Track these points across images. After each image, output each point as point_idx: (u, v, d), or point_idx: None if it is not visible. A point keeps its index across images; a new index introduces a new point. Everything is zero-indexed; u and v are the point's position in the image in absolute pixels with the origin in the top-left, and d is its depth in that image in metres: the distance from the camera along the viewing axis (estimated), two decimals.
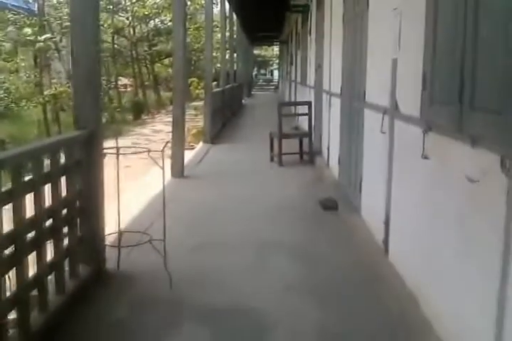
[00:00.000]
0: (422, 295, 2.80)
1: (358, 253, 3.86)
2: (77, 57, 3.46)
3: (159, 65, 29.79)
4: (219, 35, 18.61)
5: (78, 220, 3.38)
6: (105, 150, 3.75)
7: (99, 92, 3.75)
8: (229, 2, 16.56)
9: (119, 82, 26.48)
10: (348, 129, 5.30)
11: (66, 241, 3.22)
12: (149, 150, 3.70)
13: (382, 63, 3.75)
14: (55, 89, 13.83)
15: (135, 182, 7.18)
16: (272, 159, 8.00)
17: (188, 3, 22.00)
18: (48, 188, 2.90)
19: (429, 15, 2.69)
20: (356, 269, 3.56)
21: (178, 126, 6.83)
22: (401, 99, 3.28)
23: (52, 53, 18.65)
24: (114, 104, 19.28)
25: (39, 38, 11.35)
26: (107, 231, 3.70)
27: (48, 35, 11.69)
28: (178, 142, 6.88)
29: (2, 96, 12.91)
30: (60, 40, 17.47)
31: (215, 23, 17.29)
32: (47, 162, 2.96)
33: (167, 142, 3.80)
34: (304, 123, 10.11)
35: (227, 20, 18.05)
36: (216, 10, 17.12)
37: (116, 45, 22.20)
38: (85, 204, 3.45)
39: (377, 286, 3.25)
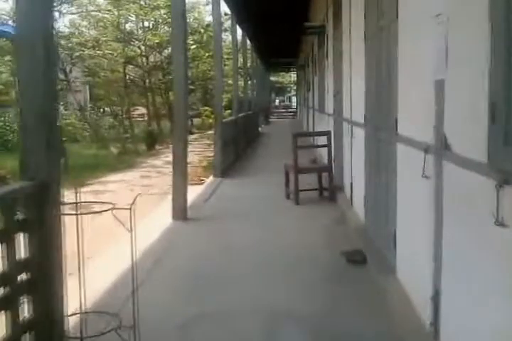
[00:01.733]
0: None
1: (396, 337, 2.93)
2: (23, 88, 2.67)
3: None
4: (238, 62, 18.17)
5: (25, 299, 2.55)
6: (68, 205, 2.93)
7: (57, 132, 2.93)
8: (242, 28, 16.02)
9: (137, 112, 26.12)
10: (375, 166, 4.42)
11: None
12: (113, 207, 2.85)
13: (421, 86, 2.90)
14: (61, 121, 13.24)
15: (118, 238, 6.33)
16: (287, 196, 7.12)
17: (202, 30, 21.61)
18: None
19: (496, 20, 1.84)
20: None
21: (180, 162, 6.02)
22: (453, 133, 2.40)
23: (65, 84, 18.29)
24: (126, 135, 18.68)
25: None
26: (69, 311, 2.85)
27: None
28: (180, 180, 6.06)
29: (2, 129, 12.37)
30: (70, 71, 17.06)
31: (229, 50, 16.77)
32: None
33: (137, 195, 2.93)
34: (323, 154, 9.26)
35: (241, 47, 17.52)
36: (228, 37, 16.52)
37: (130, 75, 21.81)
38: (35, 277, 2.61)
39: None
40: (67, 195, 9.21)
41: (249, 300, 3.59)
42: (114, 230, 3.64)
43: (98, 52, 16.16)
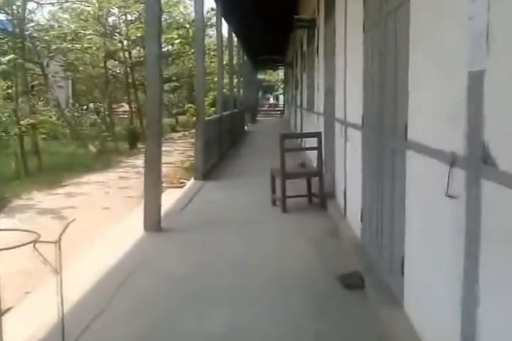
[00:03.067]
0: None
1: None
2: None
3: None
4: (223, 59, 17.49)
5: None
6: None
7: None
8: (228, 23, 15.36)
9: (123, 109, 25.27)
10: (376, 175, 3.80)
11: None
12: (35, 241, 2.18)
13: (445, 80, 2.28)
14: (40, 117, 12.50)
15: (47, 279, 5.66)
16: (273, 202, 6.49)
17: (187, 25, 20.88)
18: None
19: None
20: None
21: (153, 167, 5.36)
22: (498, 143, 1.78)
23: (43, 78, 17.45)
24: (105, 133, 17.91)
25: (1, 59, 10.03)
26: None
27: (12, 56, 10.37)
28: (153, 187, 5.40)
29: None
30: (47, 65, 16.24)
31: (215, 47, 16.12)
32: None
33: (69, 223, 2.27)
34: (312, 157, 8.64)
35: (228, 43, 16.85)
36: (215, 33, 15.82)
37: (111, 70, 21.00)
38: None
39: None
40: (38, 199, 8.39)
41: (225, 335, 2.96)
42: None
43: (76, 45, 15.35)
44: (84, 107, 22.93)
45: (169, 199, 7.45)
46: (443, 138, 2.30)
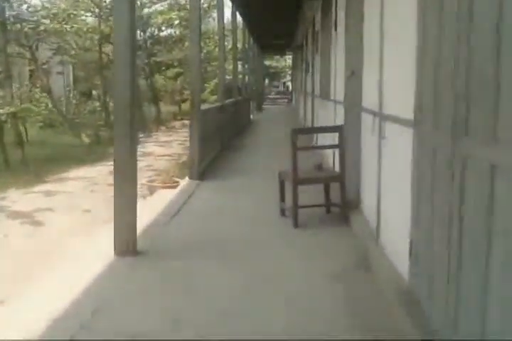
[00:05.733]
0: None
1: None
2: None
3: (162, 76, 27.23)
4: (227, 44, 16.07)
5: None
6: None
7: None
8: (232, 2, 13.92)
9: None
10: (447, 197, 2.44)
11: None
12: None
13: None
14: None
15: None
16: (282, 213, 5.19)
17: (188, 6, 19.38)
18: None
19: None
20: None
21: (124, 173, 4.05)
22: None
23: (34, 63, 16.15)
24: (100, 122, 16.59)
25: None
26: None
27: None
28: (125, 199, 4.09)
29: None
30: (36, 48, 14.90)
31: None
32: None
33: None
34: (327, 156, 7.28)
35: (232, 26, 15.40)
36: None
37: (107, 55, 19.62)
38: None
39: None
40: (13, 198, 6.92)
41: None
42: None
43: (65, 26, 14.00)
44: (85, 94, 21.69)
45: (156, 205, 6.16)
46: None
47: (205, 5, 19.97)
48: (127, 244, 4.14)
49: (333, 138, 5.97)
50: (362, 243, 4.20)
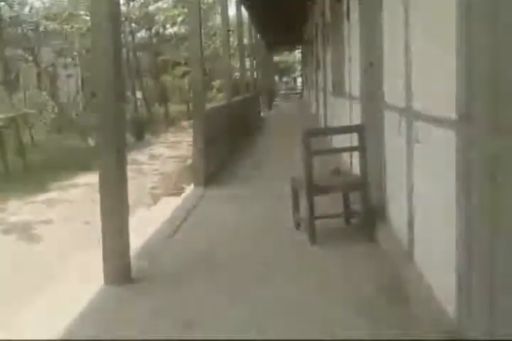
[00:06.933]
0: None
1: None
2: None
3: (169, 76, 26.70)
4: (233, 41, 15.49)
5: None
6: None
7: None
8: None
9: (137, 96, 23.45)
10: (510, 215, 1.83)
11: None
12: None
13: None
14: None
15: None
16: (297, 225, 4.59)
17: None
18: None
19: None
20: None
21: (112, 188, 3.48)
22: None
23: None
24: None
25: None
26: None
27: None
28: (115, 218, 3.53)
29: None
30: (38, 50, 14.42)
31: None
32: None
33: None
34: (344, 160, 6.64)
35: (238, 20, 14.78)
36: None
37: None
38: None
39: None
40: (13, 209, 6.29)
41: None
42: None
43: (65, 26, 13.48)
44: (94, 95, 21.24)
45: (156, 217, 5.61)
46: None
47: (211, 0, 19.38)
48: (118, 272, 3.57)
49: (349, 139, 5.37)
50: (392, 265, 3.58)
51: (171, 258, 4.10)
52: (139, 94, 22.78)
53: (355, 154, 5.30)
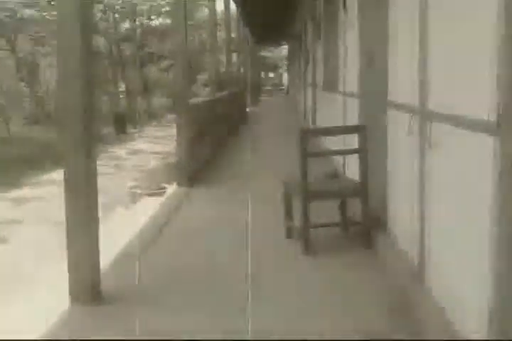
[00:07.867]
0: None
1: None
2: None
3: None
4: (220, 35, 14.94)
5: None
6: None
7: None
8: None
9: (120, 89, 22.80)
10: None
11: None
12: None
13: None
14: None
15: None
16: (289, 234, 4.17)
17: None
18: None
19: None
20: None
21: (80, 193, 3.02)
22: None
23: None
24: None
25: None
26: None
27: None
28: (82, 228, 3.07)
29: None
30: (14, 38, 13.78)
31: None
32: None
33: None
34: (338, 162, 6.21)
35: (224, 14, 14.29)
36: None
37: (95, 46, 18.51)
38: None
39: None
40: None
41: None
42: None
43: (44, 14, 12.88)
44: None
45: (134, 221, 5.17)
46: None
47: None
48: (86, 288, 3.12)
49: (342, 140, 4.97)
50: (398, 285, 3.17)
51: (146, 272, 3.63)
52: (122, 87, 22.19)
53: (349, 156, 4.91)
